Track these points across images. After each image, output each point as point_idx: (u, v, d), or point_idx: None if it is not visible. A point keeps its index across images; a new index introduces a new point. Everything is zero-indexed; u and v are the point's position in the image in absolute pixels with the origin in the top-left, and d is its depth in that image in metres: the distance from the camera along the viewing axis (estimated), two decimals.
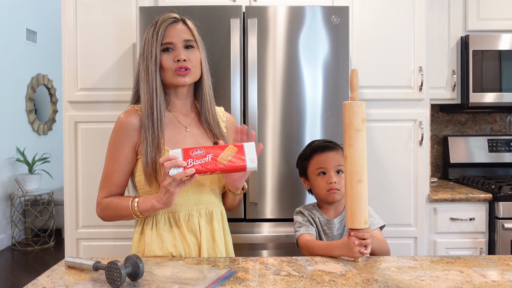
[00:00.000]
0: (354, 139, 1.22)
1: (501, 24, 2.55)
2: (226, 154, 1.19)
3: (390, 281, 1.08)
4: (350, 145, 1.22)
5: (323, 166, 1.49)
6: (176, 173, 1.16)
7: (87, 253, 2.18)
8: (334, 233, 1.50)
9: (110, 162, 1.35)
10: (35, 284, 1.07)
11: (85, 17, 2.17)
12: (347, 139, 1.23)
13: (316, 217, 1.51)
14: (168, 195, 1.21)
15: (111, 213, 1.34)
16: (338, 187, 1.46)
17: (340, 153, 1.51)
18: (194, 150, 1.18)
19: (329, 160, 1.49)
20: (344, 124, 1.25)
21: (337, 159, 1.49)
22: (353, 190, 1.22)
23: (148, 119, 1.32)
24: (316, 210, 1.53)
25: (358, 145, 1.22)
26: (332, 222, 1.50)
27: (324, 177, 1.49)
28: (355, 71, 1.23)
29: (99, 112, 2.18)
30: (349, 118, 1.22)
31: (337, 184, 1.46)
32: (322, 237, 1.50)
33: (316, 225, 1.50)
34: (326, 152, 1.51)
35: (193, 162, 1.17)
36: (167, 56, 1.33)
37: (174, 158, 1.17)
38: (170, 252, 1.32)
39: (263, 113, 1.98)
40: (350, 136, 1.22)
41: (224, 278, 1.08)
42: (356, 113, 1.21)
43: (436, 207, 2.28)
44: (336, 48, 1.98)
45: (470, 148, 2.80)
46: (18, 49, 4.94)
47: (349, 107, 1.23)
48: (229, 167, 1.19)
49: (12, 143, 4.85)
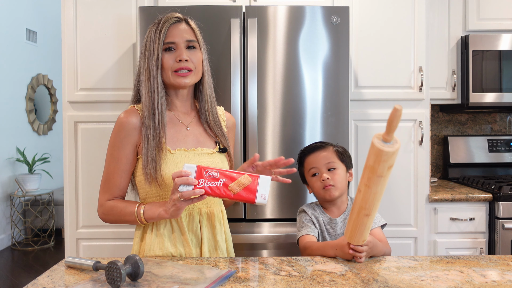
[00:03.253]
0: (373, 182, 1.06)
1: (501, 24, 2.55)
2: (238, 184, 1.17)
3: (390, 281, 1.08)
4: (367, 185, 1.07)
5: (314, 166, 1.51)
6: (185, 191, 1.16)
7: (87, 253, 2.18)
8: (337, 232, 1.49)
9: (111, 163, 1.35)
10: (35, 284, 1.07)
11: (85, 17, 2.17)
12: (365, 179, 1.07)
13: (320, 216, 1.51)
14: (174, 208, 1.21)
15: (115, 218, 1.34)
16: (332, 183, 1.46)
17: (330, 150, 1.52)
18: (208, 171, 1.17)
19: (318, 160, 1.50)
20: (366, 163, 1.06)
21: (326, 157, 1.50)
22: (358, 219, 1.15)
23: (150, 118, 1.31)
24: (319, 209, 1.54)
25: (376, 188, 1.07)
26: (335, 221, 1.50)
27: (317, 177, 1.50)
28: (399, 111, 0.96)
29: (99, 112, 2.18)
30: (374, 162, 1.03)
31: (330, 180, 1.46)
32: (326, 237, 1.49)
33: (319, 225, 1.50)
34: (315, 152, 1.52)
35: (204, 183, 1.16)
36: (169, 55, 1.33)
37: (186, 175, 1.16)
38: (171, 252, 1.32)
39: (263, 113, 1.98)
40: (369, 178, 1.06)
41: (224, 278, 1.08)
42: (384, 161, 1.02)
43: (436, 207, 2.28)
44: (336, 48, 1.98)
45: (470, 148, 2.80)
46: (18, 49, 4.93)
47: (378, 153, 1.01)
48: (238, 197, 1.17)
49: (12, 143, 4.85)
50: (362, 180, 1.09)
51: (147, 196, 1.36)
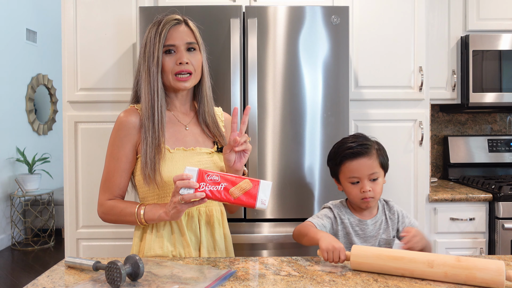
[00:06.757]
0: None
1: (501, 24, 2.55)
2: (239, 188, 1.17)
3: (390, 281, 1.08)
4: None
5: (356, 176, 1.37)
6: (186, 194, 1.16)
7: (87, 253, 2.18)
8: (367, 235, 1.41)
9: (111, 162, 1.35)
10: (35, 284, 1.07)
11: (85, 17, 2.17)
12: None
13: (346, 218, 1.42)
14: (175, 211, 1.21)
15: (114, 218, 1.34)
16: (372, 195, 1.36)
17: (374, 157, 1.38)
18: (210, 174, 1.17)
19: (361, 169, 1.37)
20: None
21: (371, 167, 1.37)
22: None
23: (149, 120, 1.31)
24: (346, 210, 1.44)
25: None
26: (365, 223, 1.41)
27: (357, 186, 1.38)
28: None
29: (99, 112, 2.18)
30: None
31: (371, 192, 1.36)
32: (353, 239, 1.40)
33: (343, 226, 1.42)
34: (358, 159, 1.37)
35: (205, 186, 1.17)
36: (169, 58, 1.33)
37: (187, 178, 1.16)
38: (170, 251, 1.32)
39: (263, 113, 1.98)
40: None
41: (224, 278, 1.08)
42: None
43: (436, 207, 2.28)
44: (336, 48, 1.98)
45: (470, 148, 2.80)
46: (18, 49, 4.94)
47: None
48: (238, 201, 1.18)
49: (12, 143, 4.85)
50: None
51: (147, 196, 1.36)
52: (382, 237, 1.40)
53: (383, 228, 1.41)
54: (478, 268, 1.03)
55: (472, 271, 1.03)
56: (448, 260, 1.07)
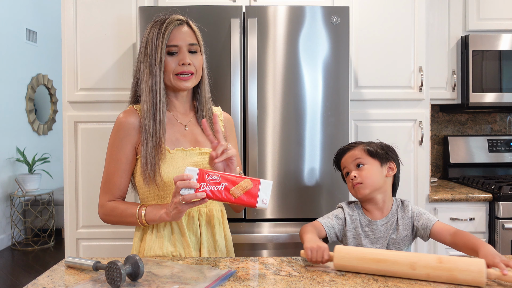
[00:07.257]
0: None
1: (501, 24, 2.55)
2: (240, 188, 1.18)
3: (390, 281, 1.08)
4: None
5: (345, 167, 1.47)
6: (186, 194, 1.16)
7: (87, 253, 2.18)
8: (377, 236, 1.40)
9: (111, 163, 1.35)
10: (35, 284, 1.07)
11: (85, 17, 2.17)
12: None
13: (357, 218, 1.43)
14: (176, 211, 1.21)
15: (116, 219, 1.34)
16: (359, 181, 1.40)
17: (358, 149, 1.45)
18: (210, 174, 1.17)
19: (347, 159, 1.46)
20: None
21: (353, 154, 1.44)
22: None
23: (150, 120, 1.31)
24: (359, 210, 1.45)
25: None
26: (374, 224, 1.41)
27: (348, 177, 1.45)
28: None
29: (99, 112, 2.18)
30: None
31: (357, 178, 1.40)
32: (362, 240, 1.41)
33: (354, 226, 1.43)
34: (345, 154, 1.48)
35: (206, 186, 1.17)
36: (172, 59, 1.33)
37: (188, 178, 1.16)
38: (171, 251, 1.32)
39: (263, 113, 1.98)
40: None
41: (224, 278, 1.08)
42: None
43: (436, 207, 2.28)
44: (336, 48, 1.98)
45: (470, 148, 2.80)
46: (18, 49, 4.94)
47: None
48: (239, 201, 1.18)
49: (12, 143, 4.85)
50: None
51: (147, 196, 1.36)
52: (391, 237, 1.40)
53: (393, 229, 1.41)
54: (459, 270, 1.05)
55: (454, 272, 1.05)
56: (430, 262, 1.07)
